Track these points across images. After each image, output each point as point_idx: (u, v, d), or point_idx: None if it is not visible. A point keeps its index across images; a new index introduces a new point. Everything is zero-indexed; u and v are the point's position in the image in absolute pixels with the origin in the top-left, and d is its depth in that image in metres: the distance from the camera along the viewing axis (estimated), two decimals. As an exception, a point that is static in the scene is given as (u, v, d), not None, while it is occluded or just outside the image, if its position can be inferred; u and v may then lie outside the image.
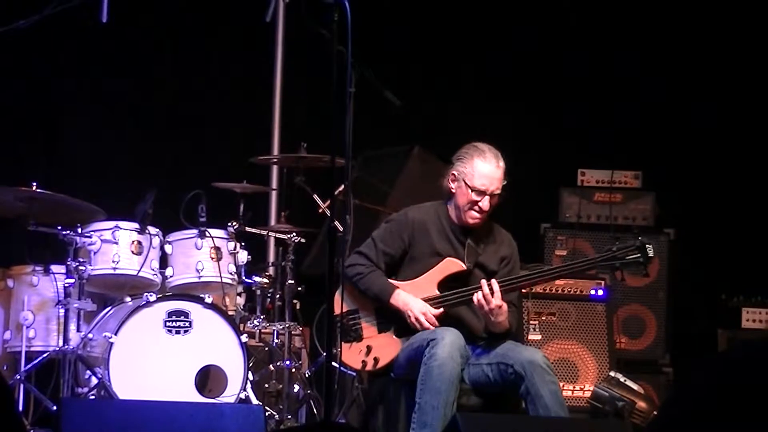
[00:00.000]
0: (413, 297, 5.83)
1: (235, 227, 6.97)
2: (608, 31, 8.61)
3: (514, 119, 8.53)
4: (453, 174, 5.93)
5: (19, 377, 6.49)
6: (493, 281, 5.74)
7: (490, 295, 5.69)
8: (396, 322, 5.88)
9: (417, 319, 5.78)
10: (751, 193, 8.44)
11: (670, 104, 8.58)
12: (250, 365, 6.68)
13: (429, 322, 5.77)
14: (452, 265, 5.89)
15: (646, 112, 8.58)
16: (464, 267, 5.89)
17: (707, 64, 8.52)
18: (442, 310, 5.80)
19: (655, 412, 6.51)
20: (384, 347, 5.87)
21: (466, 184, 5.85)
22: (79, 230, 6.67)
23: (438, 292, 5.85)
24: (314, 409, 6.89)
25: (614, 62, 8.56)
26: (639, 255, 5.83)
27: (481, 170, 5.84)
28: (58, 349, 6.54)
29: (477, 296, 5.73)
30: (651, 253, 5.83)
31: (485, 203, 5.84)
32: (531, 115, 8.64)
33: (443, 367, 5.50)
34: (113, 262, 6.70)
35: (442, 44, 8.79)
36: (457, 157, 5.94)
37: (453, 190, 5.93)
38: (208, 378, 6.61)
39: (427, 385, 5.53)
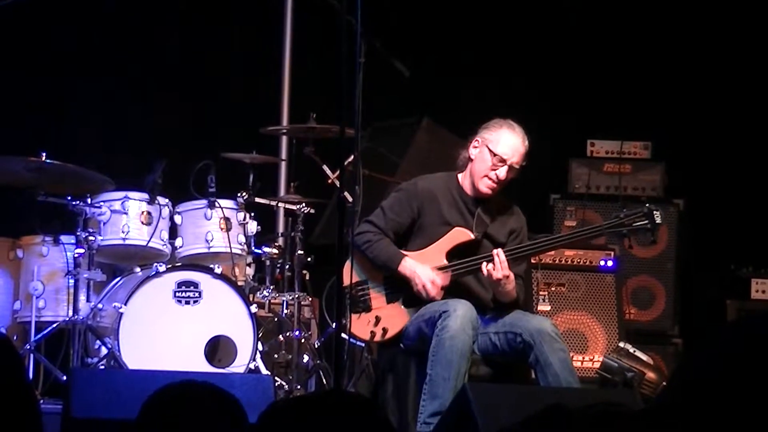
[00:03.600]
0: (421, 265, 5.83)
1: (244, 198, 6.97)
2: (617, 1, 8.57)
3: (523, 90, 8.50)
4: (477, 140, 5.92)
5: (28, 347, 6.50)
6: (500, 250, 5.73)
7: (499, 264, 5.70)
8: (404, 292, 5.88)
9: (424, 286, 5.78)
10: (761, 164, 8.40)
11: (679, 74, 8.54)
12: (260, 335, 6.69)
13: (435, 291, 5.77)
14: (461, 234, 5.89)
15: (657, 82, 8.54)
16: (473, 236, 5.88)
17: (718, 32, 8.48)
18: (449, 280, 5.79)
19: (664, 383, 6.51)
20: (393, 317, 5.87)
21: (488, 149, 5.84)
22: (89, 200, 6.67)
23: (446, 262, 5.85)
24: (323, 380, 6.90)
25: (624, 32, 8.52)
26: (647, 221, 5.81)
27: (507, 140, 5.84)
28: (67, 319, 6.54)
29: (486, 266, 5.73)
30: (659, 220, 5.81)
31: (502, 172, 5.83)
32: (540, 87, 8.60)
33: (455, 339, 5.50)
34: (123, 232, 6.70)
35: (452, 15, 8.75)
36: (485, 126, 5.93)
37: (472, 157, 5.91)
38: (218, 348, 6.61)
39: (438, 356, 5.53)
